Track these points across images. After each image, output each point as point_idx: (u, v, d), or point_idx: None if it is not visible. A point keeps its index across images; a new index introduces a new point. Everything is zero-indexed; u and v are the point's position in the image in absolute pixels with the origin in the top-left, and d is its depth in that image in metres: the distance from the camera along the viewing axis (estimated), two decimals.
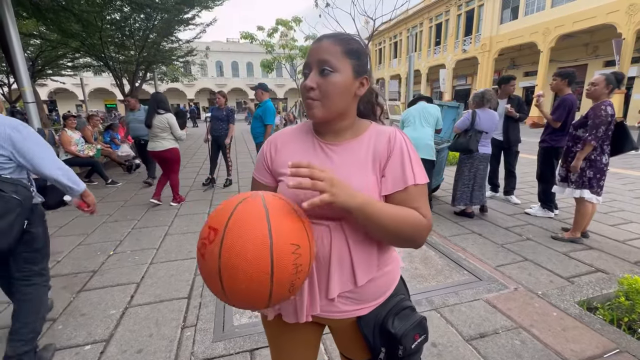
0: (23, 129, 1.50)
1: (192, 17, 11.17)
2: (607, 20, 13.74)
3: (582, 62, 16.56)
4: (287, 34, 16.94)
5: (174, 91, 35.80)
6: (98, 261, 2.74)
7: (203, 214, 3.94)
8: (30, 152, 1.49)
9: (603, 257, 2.67)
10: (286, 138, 0.85)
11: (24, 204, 1.48)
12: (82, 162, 5.49)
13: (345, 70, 0.73)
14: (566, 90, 3.42)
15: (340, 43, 0.73)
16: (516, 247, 2.91)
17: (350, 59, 0.73)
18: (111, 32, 10.25)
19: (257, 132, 4.58)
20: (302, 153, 0.81)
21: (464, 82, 24.59)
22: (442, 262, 2.66)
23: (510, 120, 4.09)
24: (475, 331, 1.82)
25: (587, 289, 2.21)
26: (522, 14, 18.08)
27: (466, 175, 3.63)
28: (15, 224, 1.44)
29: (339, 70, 0.72)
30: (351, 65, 0.73)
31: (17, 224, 1.45)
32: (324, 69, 0.71)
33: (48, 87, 30.11)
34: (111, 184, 5.52)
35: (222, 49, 37.36)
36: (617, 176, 5.51)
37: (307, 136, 0.83)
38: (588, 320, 1.88)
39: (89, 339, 1.80)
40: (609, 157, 2.81)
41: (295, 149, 0.82)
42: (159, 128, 4.03)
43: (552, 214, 3.63)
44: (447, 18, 23.37)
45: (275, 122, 4.57)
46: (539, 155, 3.71)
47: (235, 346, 1.72)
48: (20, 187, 1.48)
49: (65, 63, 14.29)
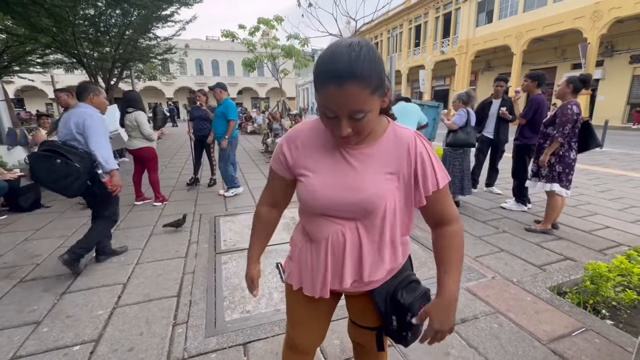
0: (91, 118, 2.37)
1: (170, 14, 10.91)
2: (574, 25, 14.57)
3: (552, 64, 17.47)
4: (269, 33, 16.83)
5: (152, 90, 34.69)
6: (81, 262, 2.67)
7: (189, 214, 3.90)
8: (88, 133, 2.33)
9: (571, 247, 2.88)
10: (306, 137, 0.85)
11: (82, 170, 2.25)
12: None
13: (375, 105, 0.69)
14: (536, 90, 3.67)
15: (367, 83, 0.65)
16: (493, 239, 3.07)
17: (377, 91, 0.68)
18: (85, 28, 9.84)
19: (220, 130, 4.48)
20: (323, 157, 0.82)
21: (442, 82, 25.31)
22: (425, 254, 2.78)
23: (502, 121, 4.32)
24: (457, 317, 1.93)
25: (557, 276, 2.38)
26: (496, 17, 18.84)
27: (458, 168, 3.84)
28: (75, 182, 2.25)
29: (371, 110, 0.68)
30: (378, 95, 0.69)
31: (77, 182, 2.25)
32: (357, 117, 0.68)
33: (15, 85, 28.43)
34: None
35: (202, 47, 36.57)
36: (584, 172, 5.88)
37: (327, 135, 0.82)
38: (558, 304, 2.03)
39: (77, 340, 1.77)
40: (576, 153, 3.03)
41: (317, 151, 0.83)
42: (130, 127, 4.00)
43: (526, 207, 3.85)
44: (426, 20, 23.98)
45: (259, 121, 4.58)
46: (513, 153, 3.93)
47: (228, 340, 1.75)
48: (85, 159, 2.31)
49: (35, 59, 13.56)
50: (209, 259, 2.73)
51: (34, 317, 1.98)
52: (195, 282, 2.36)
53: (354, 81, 0.63)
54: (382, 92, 0.70)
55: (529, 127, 3.70)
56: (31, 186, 4.12)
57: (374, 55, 0.66)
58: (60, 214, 3.97)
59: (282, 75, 17.38)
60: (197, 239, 3.17)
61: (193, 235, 3.26)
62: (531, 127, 3.67)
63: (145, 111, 4.16)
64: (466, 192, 3.89)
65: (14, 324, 1.92)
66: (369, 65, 0.64)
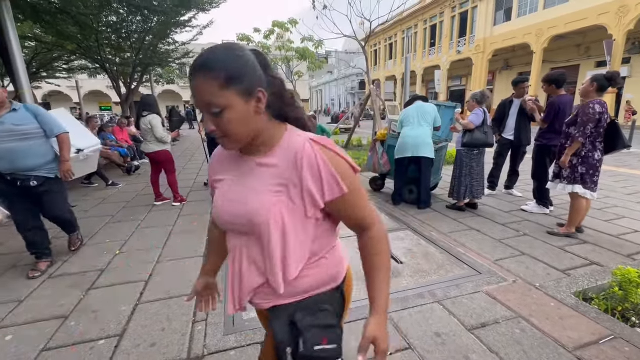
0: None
1: (188, 20, 11.21)
2: (598, 21, 14.02)
3: (575, 62, 16.85)
4: (284, 35, 17.02)
5: (170, 93, 35.64)
6: (105, 260, 2.78)
7: (206, 214, 3.98)
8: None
9: (597, 251, 2.77)
10: (220, 151, 0.88)
11: None
12: None
13: (232, 102, 0.65)
14: (557, 92, 3.56)
15: (214, 76, 0.63)
16: (514, 242, 2.99)
17: (233, 86, 0.64)
18: (108, 34, 10.26)
19: None
20: (231, 169, 0.82)
21: (458, 82, 24.85)
22: (442, 257, 2.73)
23: (523, 121, 4.19)
24: (477, 321, 1.89)
25: (583, 281, 2.30)
26: (515, 15, 18.36)
27: (476, 170, 3.76)
28: None
29: (226, 107, 0.65)
30: (237, 92, 0.65)
31: None
32: (212, 112, 0.66)
33: (42, 90, 29.82)
34: (112, 185, 5.54)
35: None
36: (611, 174, 5.64)
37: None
38: (584, 310, 1.96)
39: (102, 334, 1.84)
40: (602, 154, 2.91)
41: (229, 163, 0.84)
42: (145, 130, 4.11)
43: (548, 210, 3.73)
44: (442, 20, 23.63)
45: None
46: (533, 154, 3.82)
47: (247, 339, 1.77)
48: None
49: (61, 65, 14.22)
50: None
51: (62, 312, 2.06)
52: None
53: (201, 72, 0.64)
54: (246, 92, 0.66)
55: (550, 128, 3.60)
56: None
57: (237, 54, 0.66)
58: (85, 213, 4.14)
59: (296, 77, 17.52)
60: None
61: None
62: (552, 127, 3.57)
63: (160, 115, 4.27)
64: (477, 195, 3.82)
65: (44, 317, 2.01)
66: (223, 58, 0.64)
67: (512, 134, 4.27)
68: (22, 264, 2.74)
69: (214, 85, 0.63)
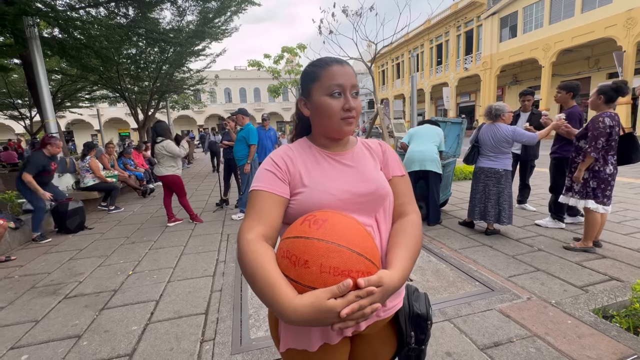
0: None
1: (202, 49, 11.80)
2: (606, 34, 14.00)
3: (585, 75, 16.72)
4: (293, 60, 17.64)
5: (185, 118, 37.00)
6: (118, 280, 2.84)
7: (216, 234, 4.04)
8: None
9: (617, 266, 2.65)
10: (293, 153, 0.86)
11: None
12: (107, 186, 5.70)
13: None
14: (570, 102, 3.52)
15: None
16: (527, 258, 2.91)
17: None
18: (127, 65, 10.88)
19: (241, 154, 4.69)
20: (316, 165, 0.83)
21: (467, 98, 24.92)
22: (453, 274, 2.68)
23: None
24: (490, 340, 1.83)
25: (602, 297, 2.20)
26: (520, 31, 18.55)
27: (474, 189, 3.65)
28: None
29: (359, 92, 0.84)
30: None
31: None
32: (355, 92, 0.81)
33: (66, 119, 31.51)
34: (114, 210, 5.69)
35: (230, 76, 38.87)
36: (629, 186, 5.45)
37: (311, 150, 0.87)
38: (604, 328, 1.87)
39: (113, 354, 1.87)
40: (614, 167, 2.84)
41: (309, 162, 0.84)
42: (158, 155, 4.32)
43: (563, 224, 3.62)
44: (447, 39, 24.08)
45: (284, 144, 4.74)
46: (551, 167, 3.74)
47: (253, 358, 1.76)
48: None
49: (84, 95, 15.08)
50: (236, 277, 2.80)
51: (76, 331, 2.11)
52: (222, 300, 2.42)
53: (348, 64, 0.82)
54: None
55: (566, 140, 3.51)
56: (77, 210, 4.48)
57: None
58: (101, 235, 4.26)
59: None
60: (224, 258, 3.26)
61: (221, 254, 3.37)
62: (566, 139, 3.50)
63: (172, 140, 4.47)
64: (489, 218, 3.49)
65: (59, 337, 2.06)
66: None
67: (518, 147, 4.23)
68: (41, 285, 2.83)
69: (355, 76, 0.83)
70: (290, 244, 0.65)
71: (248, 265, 0.64)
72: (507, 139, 3.36)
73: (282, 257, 0.65)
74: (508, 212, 3.40)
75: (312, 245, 0.61)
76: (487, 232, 3.55)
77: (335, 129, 0.81)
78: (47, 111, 5.70)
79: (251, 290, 2.54)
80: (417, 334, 0.87)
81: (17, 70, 12.15)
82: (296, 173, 0.81)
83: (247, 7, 10.24)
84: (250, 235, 0.69)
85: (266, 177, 0.79)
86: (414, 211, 0.86)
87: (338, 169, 0.84)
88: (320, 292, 0.56)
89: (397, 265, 0.68)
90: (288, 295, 0.58)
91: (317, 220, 0.66)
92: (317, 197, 0.77)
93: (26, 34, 5.45)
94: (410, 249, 0.74)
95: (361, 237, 0.65)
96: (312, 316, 0.55)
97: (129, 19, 8.21)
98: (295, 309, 0.56)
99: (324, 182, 0.80)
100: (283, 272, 0.63)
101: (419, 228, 0.81)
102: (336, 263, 0.59)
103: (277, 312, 0.58)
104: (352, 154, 0.88)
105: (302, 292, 0.59)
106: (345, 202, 0.78)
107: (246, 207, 0.80)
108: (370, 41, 8.69)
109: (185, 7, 9.54)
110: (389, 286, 0.61)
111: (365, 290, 0.56)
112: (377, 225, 0.82)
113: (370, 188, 0.81)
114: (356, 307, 0.55)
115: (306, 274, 0.60)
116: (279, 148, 0.88)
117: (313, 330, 0.76)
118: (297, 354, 0.79)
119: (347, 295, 0.56)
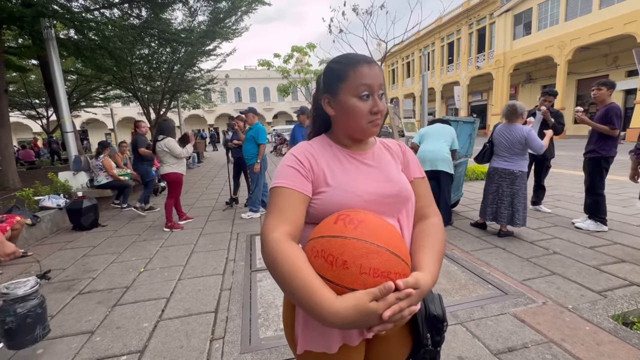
0: None
1: (213, 48, 11.93)
2: (625, 30, 13.56)
3: (603, 72, 16.24)
4: (302, 59, 17.64)
5: (195, 117, 37.45)
6: (130, 277, 2.88)
7: (226, 233, 4.07)
8: None
9: (637, 270, 2.56)
10: (315, 151, 0.83)
11: None
12: (120, 184, 5.80)
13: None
14: (609, 99, 3.42)
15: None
16: (543, 260, 2.83)
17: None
18: (140, 66, 11.08)
19: (250, 153, 4.69)
20: (339, 165, 0.82)
21: (479, 97, 24.51)
22: (465, 276, 2.62)
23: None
24: (503, 345, 1.78)
25: (622, 303, 2.12)
26: (535, 29, 18.13)
27: (486, 189, 3.59)
28: None
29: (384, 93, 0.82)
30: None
31: None
32: (381, 92, 0.78)
33: (81, 118, 32.29)
34: (127, 207, 5.77)
35: (240, 76, 39.16)
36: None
37: (332, 149, 0.84)
38: (624, 335, 1.80)
39: (124, 350, 1.89)
40: None
41: (332, 161, 0.82)
42: (160, 153, 4.27)
43: (606, 227, 3.45)
44: (459, 37, 23.71)
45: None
46: (586, 167, 3.61)
47: (262, 358, 1.76)
48: None
49: (98, 95, 15.45)
50: (245, 276, 2.81)
51: (89, 327, 2.15)
52: (231, 299, 2.43)
53: (375, 64, 0.78)
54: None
55: (605, 138, 3.40)
56: (92, 207, 4.57)
57: None
58: (114, 232, 4.34)
59: None
60: (234, 256, 3.28)
61: (230, 253, 3.39)
62: (605, 137, 3.39)
63: (174, 138, 4.41)
64: (501, 220, 3.42)
65: (72, 332, 2.10)
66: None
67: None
68: (56, 281, 2.89)
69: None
70: (325, 243, 0.62)
71: (279, 265, 0.61)
72: (520, 141, 3.28)
73: (316, 257, 0.62)
74: (522, 213, 3.31)
75: (351, 245, 0.59)
76: (500, 234, 3.47)
77: (361, 131, 0.80)
78: (63, 110, 5.84)
79: (260, 290, 2.54)
80: (433, 336, 0.85)
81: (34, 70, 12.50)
82: (320, 172, 0.79)
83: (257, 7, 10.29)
84: (276, 233, 0.66)
85: (289, 174, 0.76)
86: (435, 214, 0.86)
87: (361, 169, 0.83)
88: (361, 294, 0.55)
89: (427, 267, 0.68)
90: (329, 298, 0.55)
91: (352, 220, 0.64)
92: (341, 197, 0.75)
93: (43, 36, 5.60)
94: (437, 252, 0.74)
95: (396, 239, 0.65)
96: (354, 319, 0.54)
97: (142, 20, 8.36)
98: (337, 312, 0.54)
99: (348, 182, 0.78)
100: (318, 272, 0.61)
101: (442, 232, 0.81)
102: (376, 264, 0.58)
103: (315, 314, 0.56)
104: (373, 154, 0.87)
105: (340, 293, 0.58)
106: (371, 203, 0.76)
107: (268, 204, 0.77)
108: (381, 40, 8.60)
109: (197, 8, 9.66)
110: (425, 288, 0.62)
111: (405, 292, 0.56)
112: (399, 227, 0.81)
113: (394, 189, 0.80)
114: (397, 309, 0.55)
115: (345, 274, 0.58)
116: (299, 145, 0.85)
117: (334, 331, 0.74)
118: (315, 356, 0.77)
119: (388, 297, 0.55)
